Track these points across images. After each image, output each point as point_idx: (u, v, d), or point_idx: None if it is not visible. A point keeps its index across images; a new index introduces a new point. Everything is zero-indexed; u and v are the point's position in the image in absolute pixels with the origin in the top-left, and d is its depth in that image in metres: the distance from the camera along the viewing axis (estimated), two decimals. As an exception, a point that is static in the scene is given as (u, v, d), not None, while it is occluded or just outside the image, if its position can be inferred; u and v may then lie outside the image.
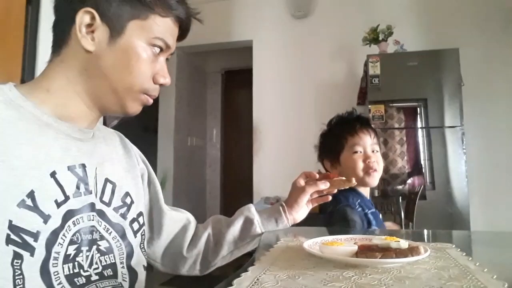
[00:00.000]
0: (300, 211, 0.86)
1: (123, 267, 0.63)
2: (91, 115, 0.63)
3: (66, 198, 0.55)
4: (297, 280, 0.46)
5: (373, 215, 1.10)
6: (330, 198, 0.89)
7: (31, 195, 0.51)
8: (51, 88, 0.59)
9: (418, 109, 2.70)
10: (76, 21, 0.57)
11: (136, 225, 0.68)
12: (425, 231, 0.99)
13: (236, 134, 4.64)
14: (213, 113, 4.84)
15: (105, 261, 0.60)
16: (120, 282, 0.62)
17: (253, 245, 0.82)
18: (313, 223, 0.95)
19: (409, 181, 2.63)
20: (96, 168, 0.62)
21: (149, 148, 3.53)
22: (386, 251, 0.51)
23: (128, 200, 0.67)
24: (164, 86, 0.64)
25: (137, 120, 0.89)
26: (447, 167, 2.59)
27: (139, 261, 0.67)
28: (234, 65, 4.62)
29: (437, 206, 2.56)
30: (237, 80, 4.71)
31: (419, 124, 2.69)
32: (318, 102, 3.32)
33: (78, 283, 0.55)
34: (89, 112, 0.62)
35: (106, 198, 0.63)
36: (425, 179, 2.61)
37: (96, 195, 0.61)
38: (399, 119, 2.69)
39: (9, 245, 0.48)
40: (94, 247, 0.59)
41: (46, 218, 0.52)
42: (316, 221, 1.07)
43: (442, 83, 2.63)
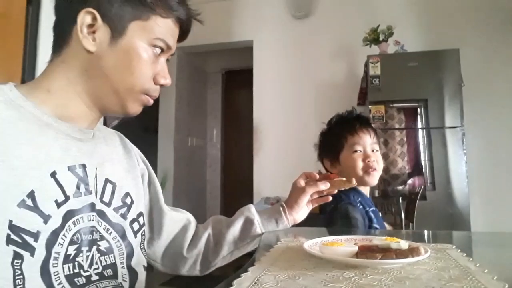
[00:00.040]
0: (300, 212, 0.86)
1: (123, 267, 0.63)
2: (92, 116, 0.63)
3: (66, 198, 0.55)
4: (297, 281, 0.46)
5: (374, 213, 1.11)
6: (330, 199, 0.89)
7: (31, 195, 0.51)
8: (52, 88, 0.59)
9: (419, 110, 2.70)
10: (78, 22, 0.57)
11: (136, 225, 0.68)
12: (426, 232, 0.99)
13: (237, 134, 4.64)
14: (214, 113, 4.84)
15: (105, 261, 0.60)
16: (120, 282, 0.62)
17: (253, 246, 0.82)
18: (313, 224, 0.95)
19: (410, 182, 2.63)
20: (96, 168, 0.62)
21: (149, 148, 3.53)
22: (386, 252, 0.51)
23: (128, 200, 0.67)
24: (165, 87, 0.64)
25: (137, 120, 0.89)
26: (448, 168, 2.59)
27: (139, 261, 0.67)
28: (235, 65, 4.62)
29: (438, 207, 2.56)
30: (238, 80, 4.71)
31: (420, 125, 2.69)
32: (319, 103, 3.32)
33: (78, 283, 0.55)
34: (90, 113, 0.62)
35: (106, 198, 0.63)
36: (426, 180, 2.61)
37: (96, 195, 0.61)
38: (400, 120, 2.69)
39: (10, 245, 0.48)
40: (94, 247, 0.59)
41: (46, 218, 0.52)
42: (316, 222, 1.07)
43: (443, 84, 2.63)
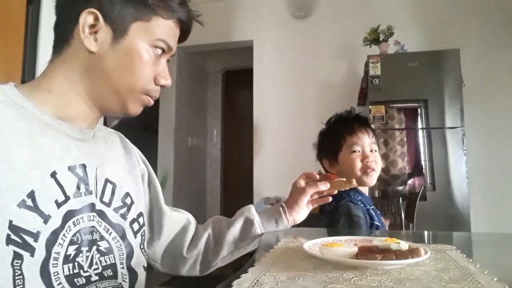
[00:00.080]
0: (300, 212, 0.86)
1: (123, 268, 0.63)
2: (92, 116, 0.63)
3: (67, 199, 0.55)
4: (297, 282, 0.46)
5: (374, 211, 1.12)
6: (330, 199, 0.89)
7: (32, 195, 0.51)
8: (52, 88, 0.59)
9: (419, 110, 2.70)
10: (80, 22, 0.57)
11: (136, 226, 0.68)
12: (426, 233, 0.99)
13: (237, 134, 4.64)
14: (214, 113, 4.84)
15: (105, 262, 0.60)
16: (120, 283, 0.62)
17: (253, 246, 0.82)
18: (313, 224, 0.95)
19: (410, 182, 2.63)
20: (97, 169, 0.62)
21: (150, 148, 3.53)
22: (386, 253, 0.51)
23: (128, 201, 0.68)
24: (165, 87, 0.64)
25: (138, 120, 0.89)
26: (448, 168, 2.59)
27: (139, 262, 0.67)
28: (235, 65, 4.62)
29: (438, 207, 2.56)
30: (238, 80, 4.71)
31: (420, 125, 2.69)
32: (319, 103, 3.32)
33: (78, 284, 0.55)
34: (90, 113, 0.62)
35: (106, 199, 0.63)
36: (426, 180, 2.61)
37: (96, 196, 0.61)
38: (400, 120, 2.69)
39: (9, 245, 0.48)
40: (94, 248, 0.59)
41: (46, 218, 0.52)
42: (316, 222, 1.07)
43: (443, 84, 2.63)
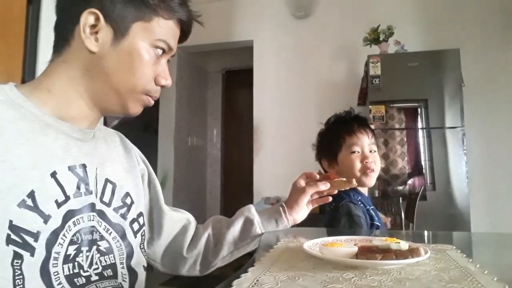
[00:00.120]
0: (301, 212, 0.86)
1: (123, 268, 0.63)
2: (92, 116, 0.63)
3: (67, 198, 0.55)
4: (297, 281, 0.46)
5: (374, 211, 1.12)
6: (330, 199, 0.89)
7: (32, 195, 0.51)
8: (53, 88, 0.59)
9: (419, 110, 2.69)
10: (81, 22, 0.57)
11: (136, 226, 0.68)
12: (425, 232, 0.99)
13: (237, 134, 4.64)
14: (214, 113, 4.84)
15: (105, 262, 0.60)
16: (120, 283, 0.62)
17: (253, 246, 0.82)
18: (313, 224, 0.95)
19: (410, 182, 2.63)
20: (97, 168, 0.62)
21: (150, 148, 3.52)
22: (386, 253, 0.51)
23: (128, 201, 0.68)
24: (165, 87, 0.64)
25: (138, 120, 0.89)
26: (448, 168, 2.59)
27: (139, 262, 0.67)
28: (235, 65, 4.62)
29: (438, 207, 2.56)
30: (238, 80, 4.71)
31: (420, 125, 2.69)
32: (319, 102, 3.32)
33: (78, 283, 0.55)
34: (90, 113, 0.62)
35: (106, 199, 0.63)
36: (426, 180, 2.61)
37: (97, 196, 0.61)
38: (400, 120, 2.69)
39: (10, 245, 0.48)
40: (94, 248, 0.59)
41: (47, 218, 0.52)
42: (317, 222, 1.07)
43: (443, 84, 2.63)
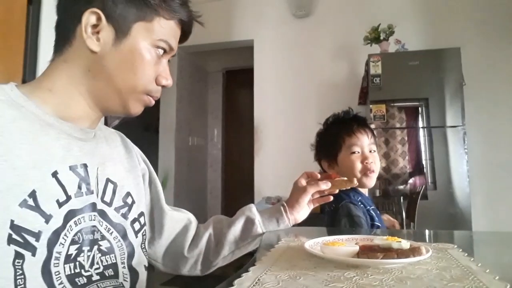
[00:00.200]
0: (301, 211, 0.86)
1: (124, 267, 0.63)
2: (93, 115, 0.63)
3: (68, 198, 0.55)
4: (298, 281, 0.46)
5: (374, 212, 1.12)
6: (332, 198, 0.89)
7: (33, 195, 0.51)
8: (54, 88, 0.59)
9: (420, 109, 2.69)
10: (82, 22, 0.57)
11: (137, 225, 0.68)
12: (427, 231, 0.98)
13: (237, 134, 4.64)
14: (214, 113, 4.84)
15: (106, 261, 0.60)
16: (121, 282, 0.62)
17: (254, 245, 0.82)
18: (314, 223, 0.95)
19: (411, 181, 2.63)
20: (98, 168, 0.62)
21: (150, 148, 3.53)
22: (388, 252, 0.51)
23: (129, 200, 0.68)
24: (166, 87, 0.65)
25: (138, 120, 0.89)
26: (449, 167, 2.59)
27: (140, 261, 0.67)
28: (235, 65, 4.62)
29: (439, 206, 2.55)
30: (238, 80, 4.71)
31: (421, 124, 2.69)
32: (319, 102, 3.31)
33: (79, 283, 0.55)
34: (91, 112, 0.62)
35: (108, 198, 0.63)
36: (427, 179, 2.61)
37: (98, 195, 0.61)
38: (401, 119, 2.68)
39: (11, 245, 0.48)
40: (95, 247, 0.59)
41: (48, 218, 0.52)
42: (317, 221, 1.07)
43: (444, 83, 2.62)
